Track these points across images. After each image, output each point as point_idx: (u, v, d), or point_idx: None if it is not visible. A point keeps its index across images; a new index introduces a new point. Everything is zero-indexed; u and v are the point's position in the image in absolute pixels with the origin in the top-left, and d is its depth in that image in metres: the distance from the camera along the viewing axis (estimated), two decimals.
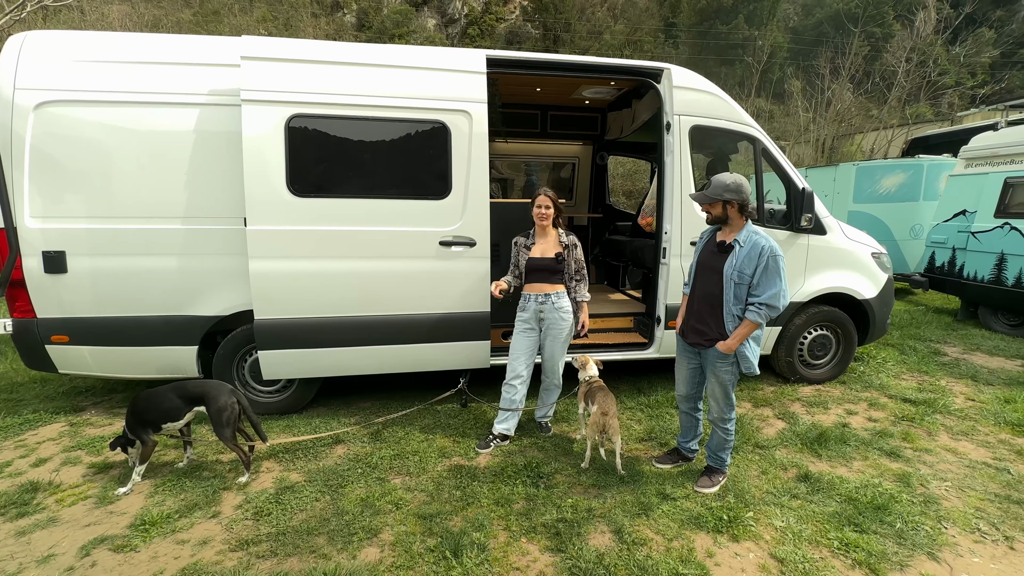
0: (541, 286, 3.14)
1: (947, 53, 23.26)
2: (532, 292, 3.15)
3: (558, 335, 3.15)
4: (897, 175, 7.99)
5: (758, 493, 2.72)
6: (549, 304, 3.13)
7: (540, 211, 3.11)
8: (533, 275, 3.14)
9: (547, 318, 3.14)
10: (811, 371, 4.29)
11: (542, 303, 3.13)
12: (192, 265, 3.31)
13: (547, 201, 3.10)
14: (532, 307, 3.15)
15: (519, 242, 3.19)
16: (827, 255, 4.04)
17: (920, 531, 2.39)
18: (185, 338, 3.39)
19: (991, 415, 3.66)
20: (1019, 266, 5.54)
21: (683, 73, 3.72)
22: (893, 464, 3.02)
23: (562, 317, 3.13)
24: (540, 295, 3.13)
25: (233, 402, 2.76)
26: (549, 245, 3.16)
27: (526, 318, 3.17)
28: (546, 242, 3.17)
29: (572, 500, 2.62)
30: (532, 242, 3.18)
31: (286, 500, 2.60)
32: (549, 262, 3.13)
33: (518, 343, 3.20)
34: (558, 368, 3.27)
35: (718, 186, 2.49)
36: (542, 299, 3.13)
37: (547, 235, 3.18)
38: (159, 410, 2.73)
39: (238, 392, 2.83)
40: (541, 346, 3.23)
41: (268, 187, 3.14)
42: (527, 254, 3.15)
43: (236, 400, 2.77)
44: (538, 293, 3.13)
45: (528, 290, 3.16)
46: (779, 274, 2.37)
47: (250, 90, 3.06)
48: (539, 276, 3.14)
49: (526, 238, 3.20)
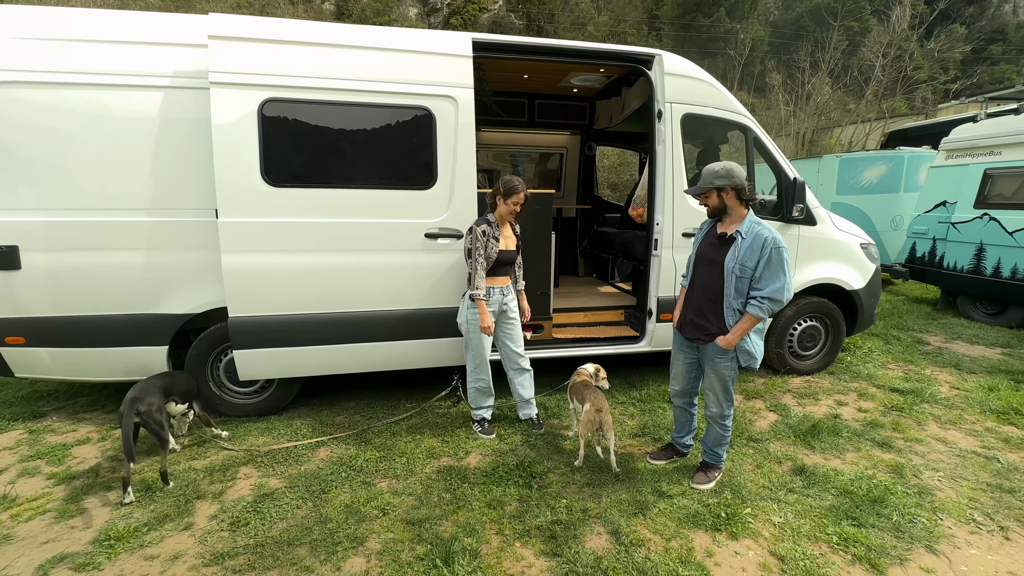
0: (502, 279, 3.12)
1: (921, 48, 23.75)
2: (497, 285, 3.08)
3: (515, 321, 3.20)
4: (879, 167, 8.08)
5: (754, 488, 2.67)
6: (511, 295, 3.17)
7: (519, 207, 3.02)
8: (499, 268, 3.06)
9: (507, 308, 3.15)
10: (800, 362, 4.29)
11: (506, 295, 3.13)
12: (160, 260, 3.10)
13: (524, 198, 3.02)
14: (497, 299, 3.09)
15: (487, 231, 2.98)
16: (818, 246, 4.02)
17: (917, 524, 2.37)
18: (154, 338, 3.18)
19: (976, 403, 3.69)
20: (997, 256, 5.64)
21: (675, 59, 3.62)
22: (886, 455, 3.01)
23: (515, 307, 3.21)
24: (504, 287, 3.12)
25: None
26: (509, 235, 3.12)
27: (491, 311, 3.07)
28: (507, 234, 3.11)
29: (567, 500, 2.53)
30: (497, 232, 3.03)
31: (265, 508, 2.45)
32: (513, 254, 3.13)
33: (485, 339, 3.08)
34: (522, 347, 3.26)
35: (708, 175, 2.41)
36: (506, 291, 3.13)
37: (506, 226, 3.11)
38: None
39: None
40: (497, 337, 3.19)
41: (241, 177, 2.94)
42: (496, 245, 3.01)
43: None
44: (503, 285, 3.11)
45: (491, 283, 3.06)
46: (783, 267, 2.28)
47: (219, 72, 2.86)
48: (504, 269, 3.10)
49: (491, 227, 3.01)
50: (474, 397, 3.26)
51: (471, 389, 3.24)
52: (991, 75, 27.45)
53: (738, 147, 4.13)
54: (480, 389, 3.22)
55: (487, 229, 2.97)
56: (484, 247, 2.94)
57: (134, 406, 2.61)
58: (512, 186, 2.98)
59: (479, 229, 2.95)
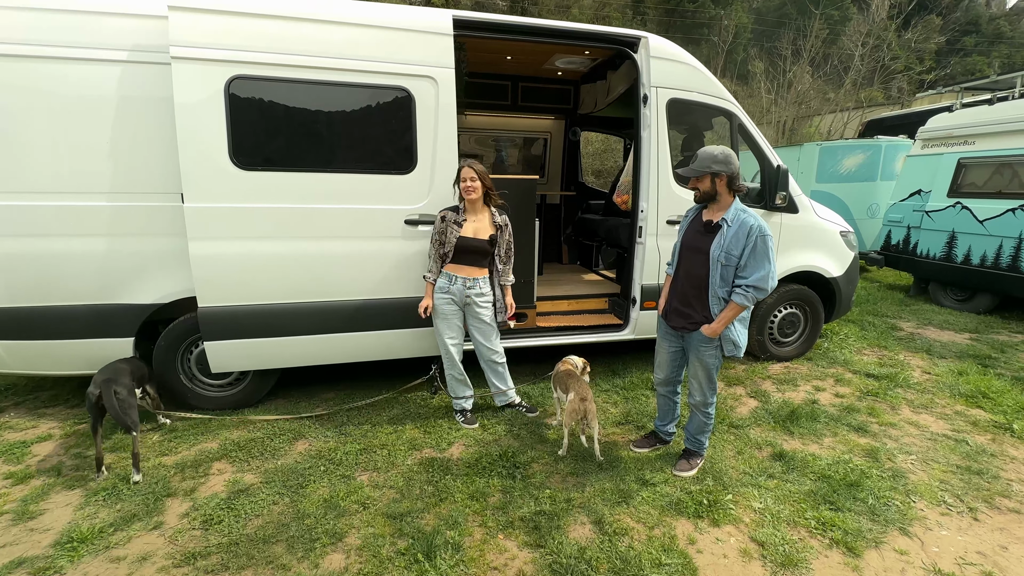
0: (470, 269, 2.96)
1: (898, 39, 24.10)
2: (459, 274, 2.95)
3: (483, 321, 3.04)
4: (857, 155, 8.20)
5: (735, 474, 2.70)
6: (476, 289, 2.99)
7: (466, 185, 2.83)
8: (464, 256, 2.93)
9: (471, 303, 3.00)
10: (780, 348, 4.35)
11: (470, 287, 2.97)
12: (123, 247, 2.93)
13: (471, 173, 2.82)
14: (459, 290, 2.97)
15: (448, 217, 2.89)
16: (799, 234, 4.04)
17: (891, 506, 2.42)
18: (118, 329, 3.03)
19: (947, 388, 3.80)
20: (968, 244, 5.79)
21: (661, 43, 3.55)
22: (861, 439, 3.08)
23: (484, 304, 3.02)
24: (468, 279, 2.96)
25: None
26: (483, 224, 2.94)
27: (450, 299, 2.97)
28: (479, 221, 2.94)
29: (550, 491, 2.51)
30: (463, 219, 2.91)
31: (239, 505, 2.37)
32: (482, 244, 2.93)
33: (448, 325, 3.03)
34: (497, 346, 3.16)
35: (705, 158, 2.33)
36: (470, 283, 2.97)
37: (479, 213, 2.95)
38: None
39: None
40: (468, 330, 3.12)
41: (207, 159, 2.79)
42: (457, 231, 2.89)
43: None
44: (466, 276, 2.96)
45: (454, 271, 2.95)
46: (768, 255, 2.26)
47: (181, 46, 2.68)
48: (470, 258, 2.95)
49: (456, 213, 2.92)
50: (452, 387, 3.21)
51: (448, 378, 3.20)
52: (964, 66, 28.10)
53: (721, 134, 4.10)
54: (456, 378, 3.18)
55: (448, 215, 2.90)
56: (439, 230, 2.89)
57: (110, 387, 2.54)
58: (459, 166, 2.89)
59: (439, 214, 2.93)
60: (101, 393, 2.49)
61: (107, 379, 2.56)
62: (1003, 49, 30.59)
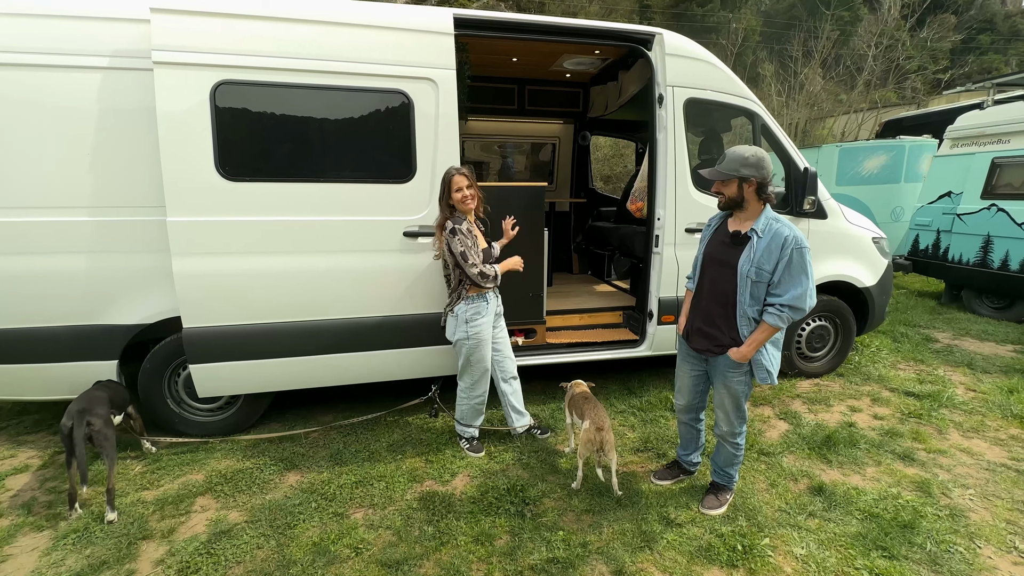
0: None
1: (912, 38, 23.63)
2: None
3: (504, 335, 2.97)
4: (879, 157, 7.86)
5: (770, 512, 2.41)
6: (497, 301, 2.90)
7: (464, 195, 2.59)
8: None
9: (500, 312, 2.92)
10: (808, 364, 4.05)
11: (498, 296, 2.89)
12: (105, 265, 2.75)
13: (465, 181, 2.60)
14: (494, 307, 2.82)
15: (470, 230, 2.64)
16: (829, 241, 3.76)
17: (954, 554, 2.13)
18: (101, 351, 2.84)
19: (997, 407, 3.47)
20: (1006, 248, 5.44)
21: (677, 39, 3.31)
22: (909, 469, 2.77)
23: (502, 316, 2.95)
24: (495, 290, 2.85)
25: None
26: (480, 236, 2.83)
27: (491, 320, 2.78)
28: (477, 232, 2.82)
29: (563, 532, 2.25)
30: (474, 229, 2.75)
31: (220, 549, 2.15)
32: (489, 253, 2.86)
33: (487, 352, 2.80)
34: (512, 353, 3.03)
35: (734, 159, 2.06)
36: (497, 292, 2.88)
37: (474, 224, 2.79)
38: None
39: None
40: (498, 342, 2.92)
41: (192, 170, 2.60)
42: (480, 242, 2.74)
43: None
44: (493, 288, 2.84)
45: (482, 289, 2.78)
46: (805, 270, 1.99)
47: (164, 50, 2.51)
48: None
49: (467, 224, 2.69)
50: (466, 415, 2.95)
51: (466, 407, 2.93)
52: (980, 64, 27.46)
53: (742, 135, 3.84)
54: (476, 407, 2.94)
55: (465, 226, 2.64)
56: (470, 244, 2.61)
57: (83, 418, 2.33)
58: (448, 176, 2.63)
59: (463, 227, 2.62)
60: (73, 426, 2.29)
61: (81, 409, 2.36)
62: (1020, 47, 29.90)
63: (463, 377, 2.87)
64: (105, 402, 2.50)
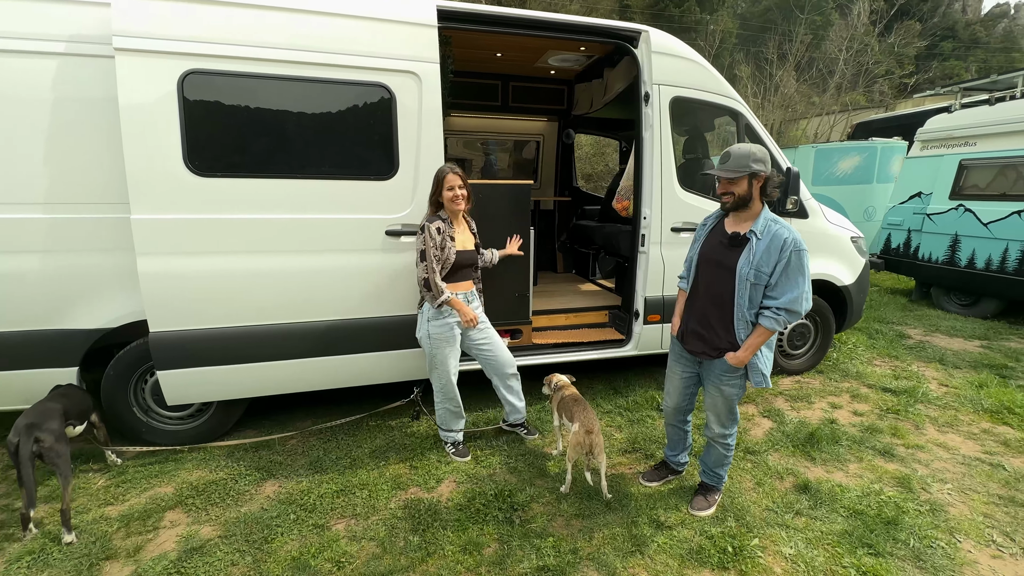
0: (466, 284, 2.77)
1: (880, 44, 24.43)
2: (461, 291, 2.72)
3: (491, 335, 2.84)
4: (852, 157, 8.07)
5: (758, 511, 2.42)
6: (475, 303, 2.81)
7: (454, 194, 2.58)
8: (462, 271, 2.72)
9: (479, 313, 2.82)
10: (790, 362, 4.10)
11: (471, 301, 2.78)
12: (63, 264, 2.58)
13: (458, 180, 2.58)
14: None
15: (442, 228, 2.58)
16: (810, 241, 3.69)
17: (936, 549, 2.16)
18: (59, 358, 2.66)
19: (968, 402, 3.58)
20: (972, 247, 5.64)
21: (663, 37, 3.29)
22: (889, 465, 2.82)
23: (484, 317, 2.86)
24: (469, 292, 2.77)
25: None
26: (467, 234, 2.77)
27: (456, 321, 2.67)
28: (463, 231, 2.75)
29: (553, 538, 2.20)
30: (452, 231, 2.65)
31: (192, 568, 2.02)
32: (473, 255, 2.78)
33: (453, 352, 2.71)
34: (511, 357, 2.90)
35: (742, 156, 2.00)
36: (471, 296, 2.78)
37: (460, 222, 2.74)
38: None
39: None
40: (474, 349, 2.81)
41: (158, 164, 2.45)
42: (453, 245, 2.63)
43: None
44: (466, 291, 2.76)
45: (457, 288, 2.70)
46: (803, 272, 1.97)
47: (126, 36, 2.35)
48: (466, 272, 2.76)
49: (444, 223, 2.62)
50: (444, 419, 2.88)
51: (442, 411, 2.85)
52: (942, 70, 28.61)
53: (724, 136, 3.86)
54: (451, 411, 2.84)
55: (442, 226, 2.58)
56: (438, 244, 2.55)
57: (31, 433, 2.15)
58: (441, 174, 2.59)
59: (432, 226, 2.55)
60: (20, 443, 2.11)
61: (29, 424, 2.17)
62: (979, 54, 31.30)
63: (432, 379, 2.79)
64: (58, 414, 2.30)
